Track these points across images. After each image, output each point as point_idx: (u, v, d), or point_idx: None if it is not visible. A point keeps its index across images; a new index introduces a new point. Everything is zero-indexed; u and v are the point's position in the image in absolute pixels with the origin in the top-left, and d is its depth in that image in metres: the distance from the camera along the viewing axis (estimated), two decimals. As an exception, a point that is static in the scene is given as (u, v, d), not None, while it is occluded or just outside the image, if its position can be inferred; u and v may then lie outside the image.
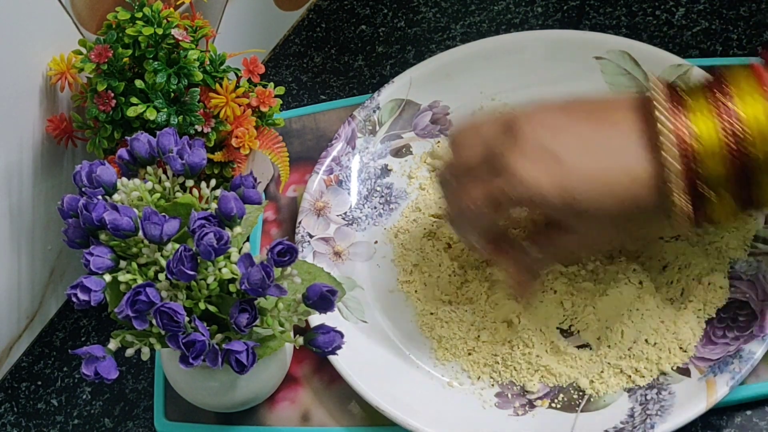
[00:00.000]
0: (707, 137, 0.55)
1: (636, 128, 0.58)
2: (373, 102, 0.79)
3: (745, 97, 0.56)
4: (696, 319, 0.66)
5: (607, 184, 0.57)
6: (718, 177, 0.56)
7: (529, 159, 0.58)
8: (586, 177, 0.58)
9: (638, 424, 0.62)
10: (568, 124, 0.59)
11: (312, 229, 0.75)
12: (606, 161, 0.58)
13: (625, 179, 0.57)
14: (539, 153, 0.58)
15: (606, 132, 0.59)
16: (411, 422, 0.64)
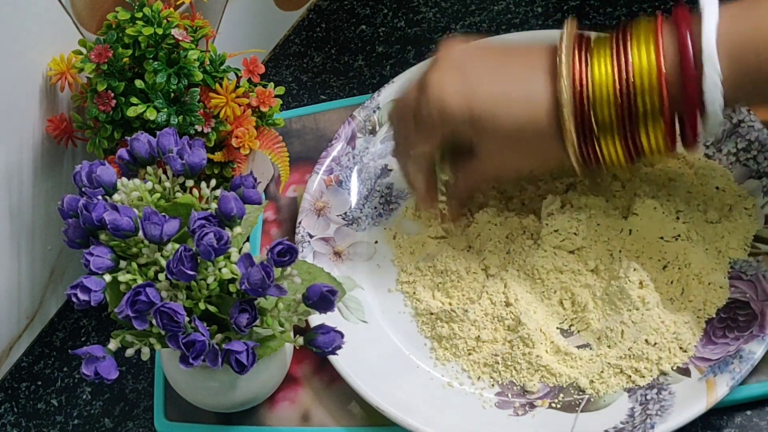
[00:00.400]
0: (600, 73, 0.60)
1: (541, 63, 0.62)
2: (373, 102, 0.79)
3: (641, 45, 0.60)
4: (696, 319, 0.66)
5: (507, 104, 0.62)
6: (608, 121, 0.60)
7: (439, 74, 0.63)
8: (488, 94, 0.62)
9: (638, 424, 0.62)
10: (483, 53, 0.65)
11: (312, 229, 0.75)
12: (509, 86, 0.62)
13: (524, 101, 0.62)
14: (449, 69, 0.63)
15: (514, 65, 0.64)
16: (411, 422, 0.64)
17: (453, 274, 0.70)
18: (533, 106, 0.61)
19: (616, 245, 0.69)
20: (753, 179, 0.69)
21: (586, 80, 0.60)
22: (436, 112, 0.63)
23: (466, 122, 0.63)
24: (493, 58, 0.64)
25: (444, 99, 0.63)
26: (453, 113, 0.63)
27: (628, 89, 0.59)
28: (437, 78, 0.63)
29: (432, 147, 0.66)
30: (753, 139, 0.70)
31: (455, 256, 0.71)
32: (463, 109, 0.62)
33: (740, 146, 0.71)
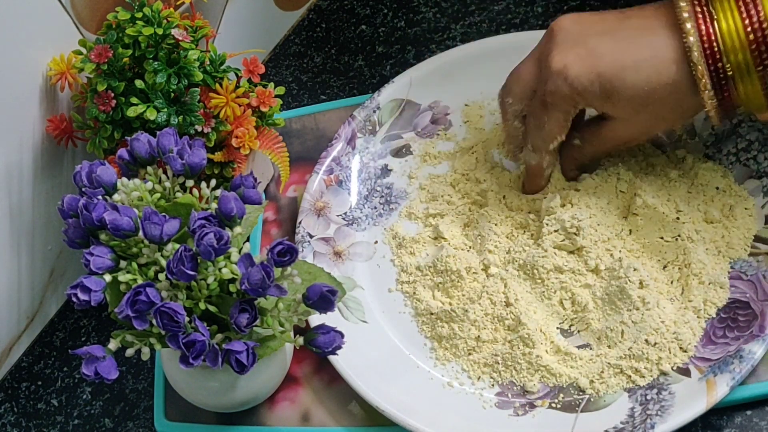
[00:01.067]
0: (728, 24, 0.60)
1: (661, 16, 0.62)
2: (373, 102, 0.79)
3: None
4: (696, 319, 0.66)
5: (635, 68, 0.62)
6: (744, 67, 0.60)
7: (562, 52, 0.64)
8: (614, 58, 0.62)
9: (638, 424, 0.62)
10: (597, 21, 0.65)
11: (312, 229, 0.75)
12: (632, 44, 0.62)
13: (651, 58, 0.62)
14: (569, 45, 0.64)
15: (631, 21, 0.63)
16: (411, 422, 0.64)
17: (453, 274, 0.70)
18: (662, 65, 0.62)
19: (617, 245, 0.69)
20: (753, 179, 0.69)
21: (713, 32, 0.60)
22: (567, 90, 0.63)
23: (597, 93, 0.63)
24: (609, 24, 0.64)
25: (572, 75, 0.63)
26: (584, 87, 0.63)
27: (762, 32, 0.59)
28: (559, 56, 0.64)
29: (565, 124, 0.66)
30: (753, 139, 0.70)
31: (455, 256, 0.71)
32: (593, 81, 0.63)
33: (740, 146, 0.71)
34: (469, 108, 0.79)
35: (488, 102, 0.79)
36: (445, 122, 0.79)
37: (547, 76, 0.64)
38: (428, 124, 0.79)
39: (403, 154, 0.78)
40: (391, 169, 0.78)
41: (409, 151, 0.78)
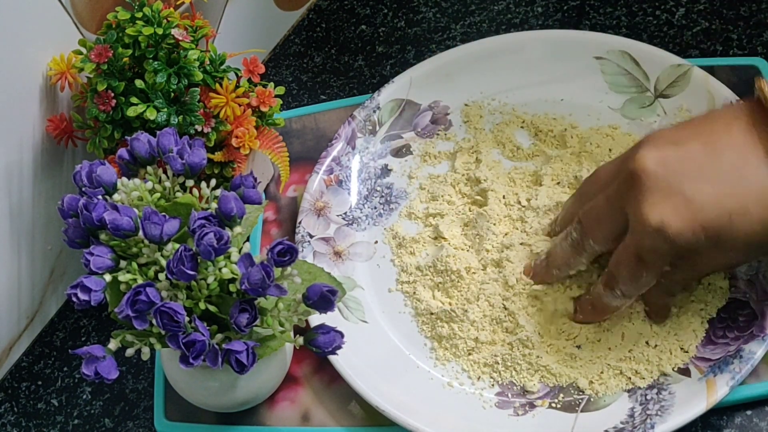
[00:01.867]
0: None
1: (754, 141, 0.56)
2: (373, 102, 0.79)
3: None
4: (699, 320, 0.66)
5: (742, 208, 0.55)
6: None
7: (654, 205, 0.56)
8: (717, 206, 0.56)
9: (638, 424, 0.62)
10: (683, 156, 0.57)
11: (312, 229, 0.75)
12: (733, 185, 0.56)
13: (758, 198, 0.55)
14: (662, 195, 0.56)
15: (724, 155, 0.56)
16: (411, 422, 0.64)
17: (453, 274, 0.70)
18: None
19: None
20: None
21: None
22: (668, 248, 0.57)
23: (704, 245, 0.56)
24: (699, 162, 0.57)
25: (673, 233, 0.56)
26: (686, 241, 0.56)
27: None
28: (653, 209, 0.56)
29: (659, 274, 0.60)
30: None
31: (455, 256, 0.71)
32: (696, 233, 0.56)
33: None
34: (469, 108, 0.79)
35: (488, 102, 0.79)
36: (445, 122, 0.79)
37: (642, 231, 0.57)
38: (428, 124, 0.79)
39: (403, 154, 0.78)
40: (391, 168, 0.78)
41: (409, 151, 0.78)
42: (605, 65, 0.76)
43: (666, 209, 0.56)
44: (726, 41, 0.81)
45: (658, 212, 0.56)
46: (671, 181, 0.56)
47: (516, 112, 0.78)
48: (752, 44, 0.80)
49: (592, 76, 0.77)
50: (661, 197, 0.56)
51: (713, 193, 0.56)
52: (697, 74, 0.73)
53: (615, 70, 0.76)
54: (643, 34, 0.82)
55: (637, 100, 0.76)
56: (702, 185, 0.56)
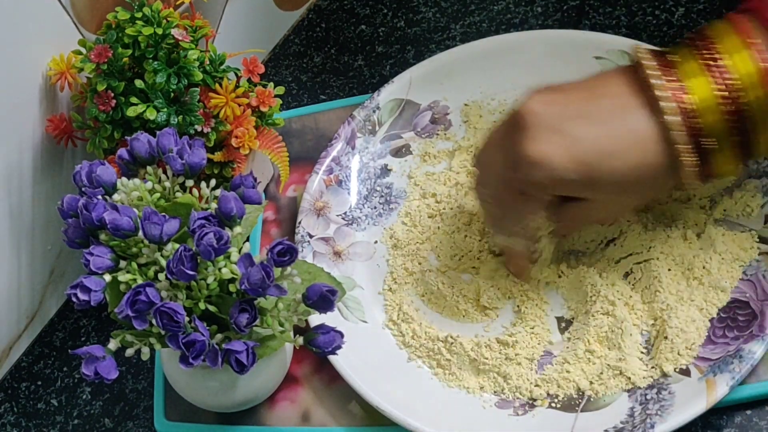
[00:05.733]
0: (702, 93, 0.58)
1: (632, 93, 0.59)
2: (372, 102, 0.79)
3: (731, 51, 0.58)
4: (699, 320, 0.65)
5: (617, 150, 0.59)
6: (719, 129, 0.58)
7: (536, 140, 0.60)
8: (595, 146, 0.59)
9: (638, 424, 0.62)
10: (565, 100, 0.61)
11: (312, 229, 0.75)
12: (610, 128, 0.59)
13: (632, 143, 0.59)
14: (544, 132, 0.60)
15: (603, 101, 0.60)
16: (411, 422, 0.64)
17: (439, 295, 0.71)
18: (643, 144, 0.59)
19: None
20: (753, 179, 0.69)
21: (688, 102, 0.58)
22: (547, 180, 0.60)
23: (579, 181, 0.60)
24: (580, 105, 0.60)
25: (551, 165, 0.59)
26: (565, 176, 0.59)
27: (735, 102, 0.57)
28: (535, 145, 0.59)
29: (543, 213, 0.64)
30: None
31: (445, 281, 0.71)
32: (573, 167, 0.59)
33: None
34: (469, 108, 0.79)
35: (488, 102, 0.79)
36: (444, 122, 0.79)
37: (523, 166, 0.60)
38: (428, 124, 0.79)
39: (403, 154, 0.78)
40: (390, 168, 0.78)
41: (408, 150, 0.78)
42: (605, 65, 0.76)
43: (547, 144, 0.59)
44: (726, 41, 0.81)
45: (540, 147, 0.59)
46: (553, 120, 0.60)
47: (516, 112, 0.78)
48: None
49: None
50: (543, 133, 0.60)
51: (591, 133, 0.59)
52: None
53: (615, 69, 0.76)
54: (642, 33, 0.82)
55: (636, 100, 0.76)
56: (581, 125, 0.59)
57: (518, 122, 0.61)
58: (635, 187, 0.61)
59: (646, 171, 0.59)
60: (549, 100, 0.61)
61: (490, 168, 0.64)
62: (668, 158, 0.59)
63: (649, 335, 0.66)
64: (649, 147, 0.59)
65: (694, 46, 0.59)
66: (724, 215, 0.69)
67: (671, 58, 0.60)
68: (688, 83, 0.58)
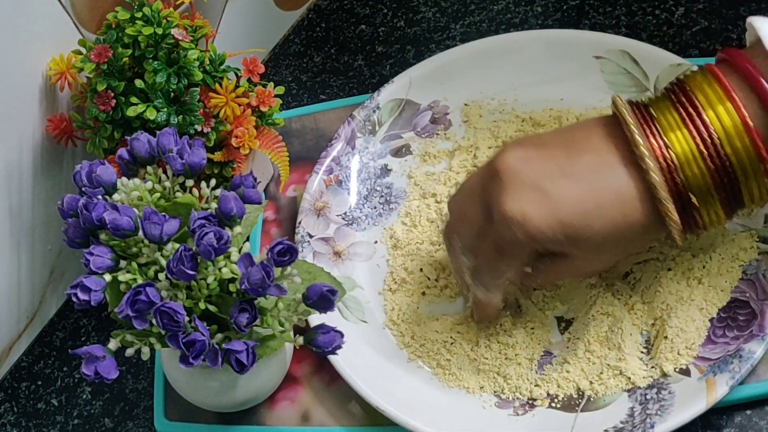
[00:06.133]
0: (682, 147, 0.57)
1: (612, 148, 0.59)
2: (372, 102, 0.79)
3: (715, 105, 0.57)
4: (699, 320, 0.66)
5: (598, 208, 0.58)
6: (703, 183, 0.57)
7: (515, 199, 0.59)
8: (576, 204, 0.58)
9: (638, 424, 0.62)
10: (544, 156, 0.60)
11: (312, 229, 0.75)
12: (591, 185, 0.58)
13: (614, 200, 0.58)
14: (523, 190, 0.59)
15: (584, 157, 0.59)
16: (411, 422, 0.64)
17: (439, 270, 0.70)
18: (626, 203, 0.58)
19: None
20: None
21: (670, 158, 0.57)
22: (527, 240, 0.59)
23: (560, 241, 0.59)
24: (560, 162, 0.59)
25: (532, 226, 0.58)
26: (544, 235, 0.58)
27: (718, 155, 0.56)
28: (514, 203, 0.58)
29: (520, 268, 0.63)
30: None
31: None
32: (554, 227, 0.58)
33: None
34: (469, 107, 0.79)
35: (488, 102, 0.78)
36: (444, 122, 0.79)
37: (502, 224, 0.59)
38: (428, 124, 0.79)
39: (403, 154, 0.78)
40: (390, 168, 0.78)
41: (408, 150, 0.78)
42: (605, 65, 0.76)
43: (527, 203, 0.58)
44: (726, 41, 0.81)
45: (519, 205, 0.58)
46: (533, 177, 0.59)
47: (516, 112, 0.78)
48: (752, 44, 0.80)
49: (591, 75, 0.77)
50: (522, 192, 0.58)
51: (572, 191, 0.58)
52: None
53: (615, 69, 0.76)
54: (642, 33, 0.82)
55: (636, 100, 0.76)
56: (562, 183, 0.58)
57: (496, 177, 0.60)
58: (618, 244, 0.60)
59: (630, 229, 0.58)
60: (527, 157, 0.60)
61: (465, 218, 0.63)
62: (652, 215, 0.58)
63: (649, 335, 0.66)
64: (631, 205, 0.58)
65: (674, 99, 0.58)
66: None
67: (651, 109, 0.59)
68: (668, 137, 0.57)
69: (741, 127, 0.56)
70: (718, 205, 0.58)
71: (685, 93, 0.58)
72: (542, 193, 0.58)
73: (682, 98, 0.58)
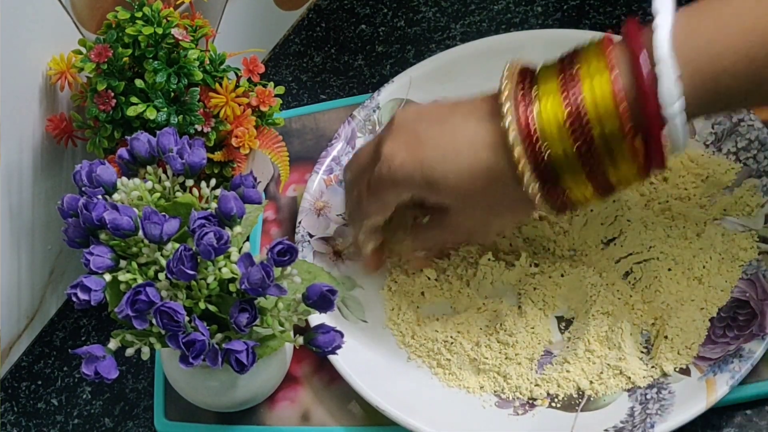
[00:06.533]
0: (547, 115, 0.57)
1: (484, 112, 0.60)
2: (373, 102, 0.79)
3: (591, 70, 0.56)
4: (700, 319, 0.66)
5: (453, 156, 0.59)
6: (565, 158, 0.57)
7: (393, 140, 0.62)
8: (436, 147, 0.60)
9: (638, 424, 0.62)
10: (434, 109, 0.63)
11: (312, 228, 0.75)
12: (451, 138, 0.60)
13: (468, 150, 0.59)
14: (402, 133, 0.62)
15: (457, 116, 0.61)
16: (411, 422, 0.64)
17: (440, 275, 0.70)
18: (479, 150, 0.59)
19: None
20: (753, 178, 0.69)
21: (531, 117, 0.57)
22: (389, 176, 0.61)
23: (419, 181, 0.61)
24: (441, 112, 0.62)
25: (396, 162, 0.61)
26: (406, 174, 0.61)
27: (580, 121, 0.56)
28: (389, 145, 0.62)
29: (385, 215, 0.65)
30: (753, 138, 0.70)
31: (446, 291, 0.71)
32: (416, 169, 0.60)
33: (740, 145, 0.71)
34: (469, 107, 0.79)
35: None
36: (444, 122, 0.79)
37: (376, 161, 0.62)
38: (428, 124, 0.79)
39: (403, 154, 0.78)
40: (390, 168, 0.78)
41: (408, 150, 0.78)
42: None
43: (400, 143, 0.62)
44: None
45: (394, 145, 0.62)
46: (413, 125, 0.62)
47: (516, 112, 0.78)
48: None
49: (591, 75, 0.77)
50: (401, 135, 0.62)
51: (437, 135, 0.61)
52: None
53: (615, 69, 0.76)
54: (642, 33, 0.82)
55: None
56: (432, 129, 0.61)
57: (390, 125, 0.64)
58: (477, 192, 0.60)
59: (483, 174, 0.59)
60: (419, 110, 0.64)
61: (358, 159, 0.67)
62: (507, 166, 0.58)
63: (649, 335, 0.66)
64: (484, 149, 0.59)
65: (561, 66, 0.58)
66: (723, 214, 0.69)
67: (537, 78, 0.59)
68: (538, 96, 0.57)
69: (609, 100, 0.55)
70: (586, 181, 0.57)
71: (571, 57, 0.58)
72: (415, 137, 0.61)
73: (565, 61, 0.58)
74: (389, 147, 0.62)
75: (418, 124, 0.62)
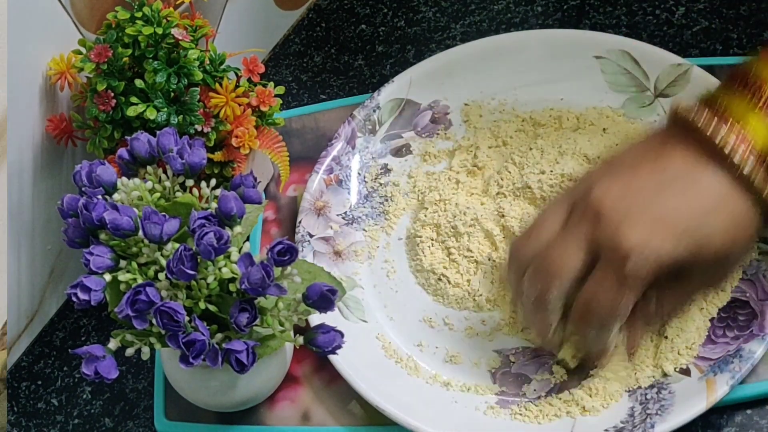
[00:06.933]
0: (763, 130, 0.57)
1: (692, 153, 0.58)
2: (373, 101, 0.79)
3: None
4: (700, 320, 0.65)
5: (706, 213, 0.58)
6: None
7: (631, 230, 0.58)
8: (690, 213, 0.58)
9: (638, 424, 0.62)
10: (632, 185, 0.59)
11: (312, 228, 0.75)
12: (687, 195, 0.58)
13: (717, 200, 0.58)
14: (633, 220, 0.58)
15: (668, 172, 0.59)
16: (411, 422, 0.64)
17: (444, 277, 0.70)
18: (728, 199, 0.58)
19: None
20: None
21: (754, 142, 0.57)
22: (653, 263, 0.57)
23: (684, 254, 0.58)
24: (648, 182, 0.59)
25: (655, 246, 0.57)
26: (671, 253, 0.57)
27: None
28: (631, 234, 0.57)
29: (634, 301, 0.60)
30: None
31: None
32: (679, 242, 0.57)
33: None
34: (469, 107, 0.79)
35: (488, 101, 0.79)
36: (445, 121, 0.79)
37: (621, 257, 0.57)
38: (428, 124, 0.79)
39: (403, 154, 0.78)
40: (390, 168, 0.78)
41: (409, 150, 0.78)
42: (605, 65, 0.76)
43: (643, 230, 0.58)
44: (726, 41, 0.81)
45: (638, 234, 0.58)
46: (635, 207, 0.58)
47: (516, 112, 0.78)
48: (752, 44, 0.80)
49: (592, 75, 0.77)
50: (631, 223, 0.58)
51: (677, 204, 0.58)
52: (697, 73, 0.73)
53: (615, 69, 0.76)
54: (642, 33, 0.82)
55: (636, 100, 0.76)
56: (662, 200, 0.58)
57: (602, 219, 0.59)
58: (734, 244, 0.59)
59: (741, 221, 0.58)
60: (619, 191, 0.59)
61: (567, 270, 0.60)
62: (755, 202, 0.58)
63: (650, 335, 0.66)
64: (732, 198, 0.58)
65: (737, 87, 0.59)
66: None
67: (718, 104, 0.59)
68: (744, 125, 0.57)
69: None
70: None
71: (747, 80, 0.59)
72: (651, 217, 0.58)
73: (747, 86, 0.58)
74: (634, 238, 0.57)
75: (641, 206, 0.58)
